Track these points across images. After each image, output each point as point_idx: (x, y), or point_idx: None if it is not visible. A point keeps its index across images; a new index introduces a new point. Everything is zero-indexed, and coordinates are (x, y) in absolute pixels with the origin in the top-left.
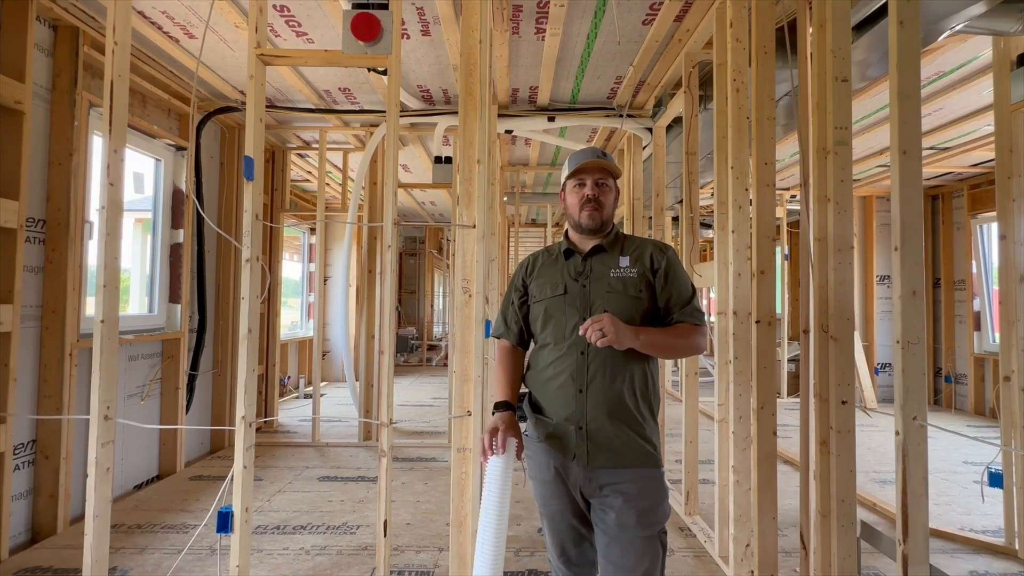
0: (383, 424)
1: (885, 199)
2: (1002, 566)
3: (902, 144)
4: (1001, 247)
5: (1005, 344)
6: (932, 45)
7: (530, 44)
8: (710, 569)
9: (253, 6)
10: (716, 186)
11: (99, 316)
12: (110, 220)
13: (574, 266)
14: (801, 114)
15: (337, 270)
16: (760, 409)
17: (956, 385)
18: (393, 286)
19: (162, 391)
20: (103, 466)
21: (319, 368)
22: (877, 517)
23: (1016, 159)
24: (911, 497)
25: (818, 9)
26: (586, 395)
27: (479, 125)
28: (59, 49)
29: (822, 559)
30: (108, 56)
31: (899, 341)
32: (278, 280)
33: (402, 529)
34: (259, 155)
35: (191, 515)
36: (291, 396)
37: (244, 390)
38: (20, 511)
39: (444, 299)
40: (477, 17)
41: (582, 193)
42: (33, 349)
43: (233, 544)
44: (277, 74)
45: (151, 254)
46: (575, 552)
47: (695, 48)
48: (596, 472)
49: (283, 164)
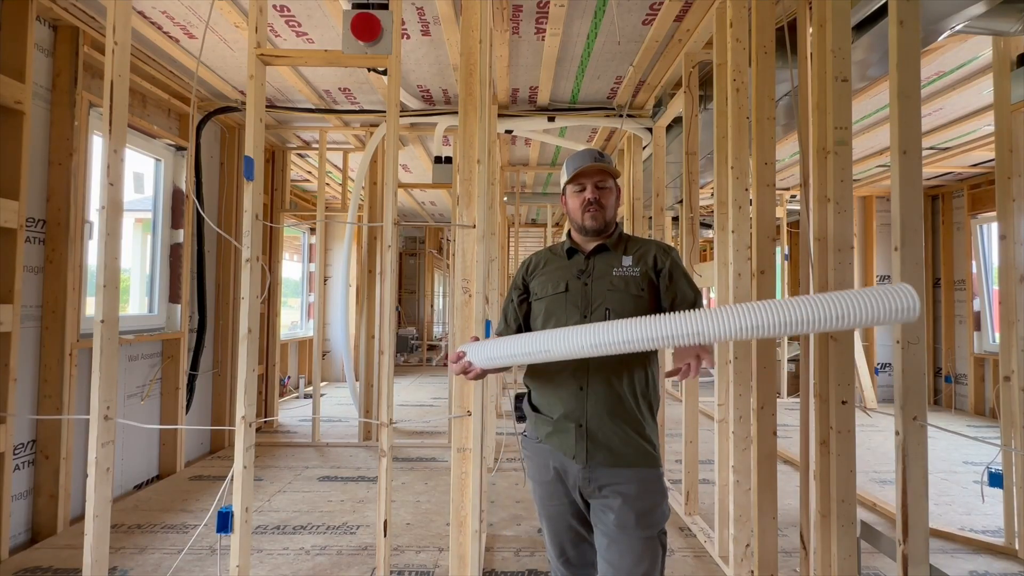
0: (383, 424)
1: (885, 199)
2: (1002, 566)
3: (902, 144)
4: (1001, 247)
5: (1005, 344)
6: (932, 45)
7: (530, 44)
8: (710, 569)
9: (253, 6)
10: (716, 186)
11: (99, 316)
12: (110, 220)
13: (576, 265)
14: (801, 114)
15: (337, 270)
16: (760, 409)
17: (956, 385)
18: (393, 286)
19: (162, 391)
20: (103, 466)
21: (319, 368)
22: (877, 517)
23: (1016, 159)
24: (911, 497)
25: (818, 9)
26: (586, 393)
27: (479, 125)
28: (59, 49)
29: (822, 559)
30: (108, 56)
31: (899, 341)
32: (278, 280)
33: (402, 529)
34: (259, 155)
35: (191, 515)
36: (291, 396)
37: (244, 390)
38: (20, 511)
39: (444, 299)
40: (477, 17)
41: (583, 197)
42: (33, 349)
43: (233, 544)
44: (277, 74)
45: (151, 254)
46: (574, 553)
47: (695, 48)
48: (595, 472)
49: (283, 164)
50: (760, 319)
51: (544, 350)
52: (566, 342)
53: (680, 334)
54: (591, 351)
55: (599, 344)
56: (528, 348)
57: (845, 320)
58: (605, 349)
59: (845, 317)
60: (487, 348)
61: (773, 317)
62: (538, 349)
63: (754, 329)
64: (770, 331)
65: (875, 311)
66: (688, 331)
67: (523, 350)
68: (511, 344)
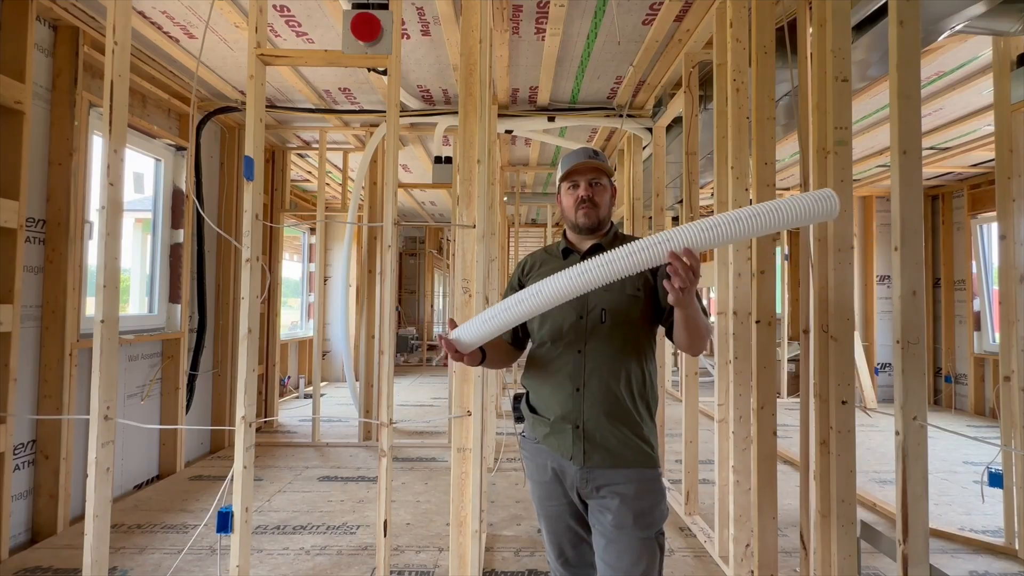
0: (383, 424)
1: (885, 199)
2: (1002, 566)
3: (902, 144)
4: (1001, 247)
5: (1005, 344)
6: (932, 45)
7: (530, 44)
8: (710, 569)
9: (253, 6)
10: (716, 186)
11: (99, 316)
12: (110, 220)
13: (572, 265)
14: (801, 114)
15: (337, 270)
16: (760, 409)
17: (956, 385)
18: (393, 286)
19: (162, 391)
20: (103, 466)
21: (319, 368)
22: (877, 517)
23: (1016, 159)
24: (911, 497)
25: (818, 9)
26: (583, 394)
27: (479, 125)
28: (59, 49)
29: (822, 559)
30: (108, 56)
31: (899, 341)
32: (278, 280)
33: (402, 529)
34: (259, 155)
35: (191, 515)
36: (291, 396)
37: (244, 390)
38: (20, 511)
39: (444, 299)
40: (477, 17)
41: (576, 194)
42: (33, 349)
43: (233, 544)
44: (277, 74)
45: (151, 254)
46: (573, 554)
47: (695, 48)
48: (593, 472)
49: (283, 164)
50: (709, 234)
51: (519, 302)
52: (542, 292)
53: (634, 259)
54: (566, 294)
55: (571, 287)
56: (507, 306)
57: (778, 224)
58: (580, 289)
59: (777, 222)
60: (470, 323)
61: (719, 231)
62: (515, 304)
63: (706, 242)
64: (718, 241)
65: (801, 214)
66: (641, 254)
67: (503, 309)
68: (490, 311)
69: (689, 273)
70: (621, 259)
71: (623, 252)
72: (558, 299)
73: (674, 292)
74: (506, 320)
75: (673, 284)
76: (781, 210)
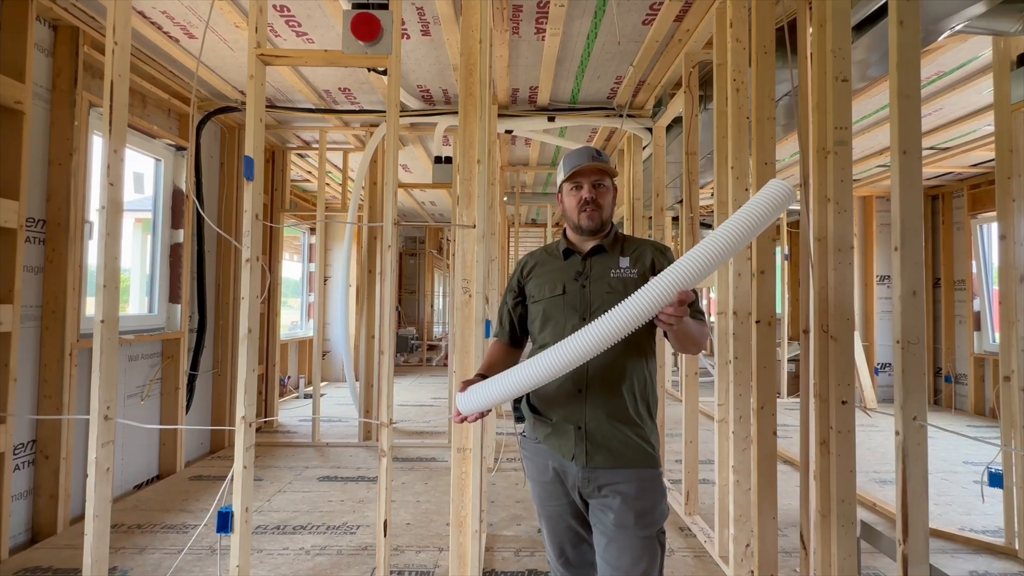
0: (383, 424)
1: (885, 199)
2: (1002, 566)
3: (902, 144)
4: (1001, 247)
5: (1005, 344)
6: (932, 45)
7: (530, 44)
8: (710, 569)
9: (253, 6)
10: (716, 186)
11: (99, 316)
12: (110, 220)
13: (573, 266)
14: (801, 114)
15: (337, 270)
16: (760, 409)
17: (956, 385)
18: (393, 286)
19: (162, 391)
20: (103, 466)
21: (319, 368)
22: (877, 517)
23: (1016, 159)
24: (911, 497)
25: (818, 9)
26: (585, 395)
27: (479, 125)
28: (59, 49)
29: (822, 559)
30: (108, 56)
31: (899, 341)
32: (278, 280)
33: (402, 529)
34: (259, 155)
35: (191, 515)
36: (291, 396)
37: (244, 390)
38: (20, 511)
39: (444, 299)
40: (477, 17)
41: (579, 196)
42: (33, 349)
43: (233, 544)
44: (277, 74)
45: (151, 254)
46: (574, 553)
47: (695, 48)
48: (594, 472)
49: (283, 164)
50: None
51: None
52: (552, 360)
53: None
54: (576, 361)
55: (579, 353)
56: (514, 379)
57: (758, 230)
58: (589, 354)
59: (756, 229)
60: (474, 393)
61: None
62: (524, 377)
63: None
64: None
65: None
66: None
67: (511, 382)
68: (496, 384)
69: (677, 317)
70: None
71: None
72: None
73: (666, 327)
74: (511, 395)
75: (664, 324)
76: (751, 218)
